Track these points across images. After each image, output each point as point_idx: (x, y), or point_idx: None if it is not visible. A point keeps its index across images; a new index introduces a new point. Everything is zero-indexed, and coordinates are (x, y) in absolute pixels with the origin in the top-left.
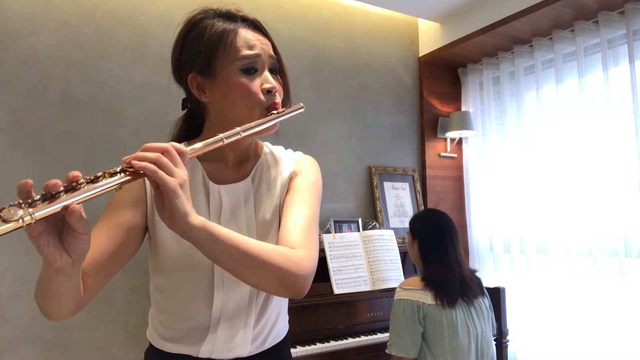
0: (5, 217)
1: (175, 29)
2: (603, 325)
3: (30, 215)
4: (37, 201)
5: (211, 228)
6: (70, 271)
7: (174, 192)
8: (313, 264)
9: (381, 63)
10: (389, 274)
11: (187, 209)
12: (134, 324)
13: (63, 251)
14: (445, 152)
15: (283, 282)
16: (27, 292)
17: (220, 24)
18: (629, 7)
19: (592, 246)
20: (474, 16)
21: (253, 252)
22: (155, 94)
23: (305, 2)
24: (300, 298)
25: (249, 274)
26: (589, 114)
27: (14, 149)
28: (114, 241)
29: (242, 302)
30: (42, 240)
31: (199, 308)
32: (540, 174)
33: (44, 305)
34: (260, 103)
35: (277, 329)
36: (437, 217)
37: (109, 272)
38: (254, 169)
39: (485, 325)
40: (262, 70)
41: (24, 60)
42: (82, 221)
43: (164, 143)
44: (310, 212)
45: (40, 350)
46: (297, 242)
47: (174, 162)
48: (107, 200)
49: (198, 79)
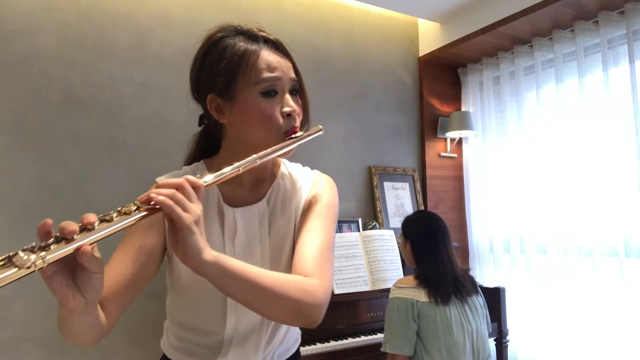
0: (18, 263)
1: (175, 29)
2: (603, 325)
3: (42, 259)
4: (50, 245)
5: (224, 263)
6: (84, 310)
7: (189, 229)
8: (327, 293)
9: (381, 63)
10: (389, 274)
11: (201, 245)
12: (134, 324)
13: (76, 291)
14: (445, 152)
15: (297, 314)
16: (27, 292)
17: (242, 45)
18: (629, 7)
19: (592, 246)
20: (474, 16)
21: (266, 285)
22: (155, 94)
23: (305, 2)
24: (314, 328)
25: (262, 306)
26: (589, 114)
27: (14, 149)
28: (134, 265)
29: (254, 324)
30: (55, 281)
31: (213, 328)
32: (540, 174)
33: (66, 339)
34: (279, 127)
35: (290, 343)
36: (429, 218)
37: (130, 297)
38: (269, 191)
39: (480, 322)
40: (283, 92)
41: (24, 60)
42: (95, 260)
43: (178, 179)
44: (326, 237)
45: (40, 350)
46: (311, 271)
47: (188, 198)
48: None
49: (217, 101)
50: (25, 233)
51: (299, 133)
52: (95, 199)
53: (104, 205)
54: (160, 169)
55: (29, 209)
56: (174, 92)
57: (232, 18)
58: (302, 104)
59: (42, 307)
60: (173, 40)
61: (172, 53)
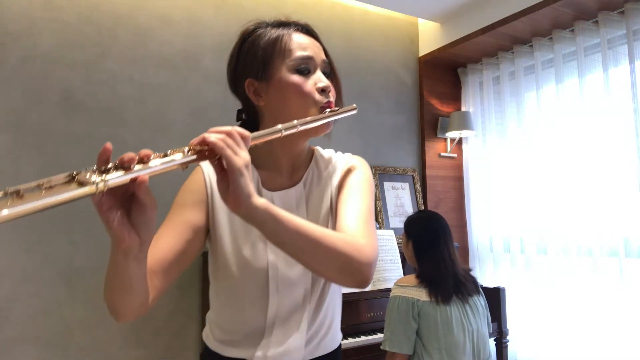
0: (81, 179)
1: (175, 29)
2: (603, 325)
3: (103, 181)
4: (110, 169)
5: (273, 210)
6: (138, 254)
7: (240, 171)
8: (375, 253)
9: (381, 63)
10: (389, 274)
11: (251, 190)
12: (134, 324)
13: (131, 229)
14: (445, 152)
15: (346, 268)
16: (27, 292)
17: (274, 31)
18: (629, 7)
19: (592, 246)
20: (474, 16)
21: (316, 236)
22: (155, 94)
23: (305, 2)
24: (365, 288)
25: (312, 258)
26: (589, 114)
27: (14, 149)
28: (180, 239)
29: (296, 305)
30: (111, 215)
31: (254, 312)
32: (540, 174)
33: (114, 301)
34: (315, 102)
35: (331, 336)
36: (431, 218)
37: (174, 272)
38: (305, 175)
39: (481, 322)
40: (315, 71)
41: (24, 60)
42: (150, 195)
43: (228, 127)
44: (366, 204)
45: (40, 350)
46: (356, 232)
47: (237, 144)
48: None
49: (255, 84)
50: (25, 233)
51: (335, 108)
52: None
53: None
54: None
55: None
56: (174, 92)
57: (232, 18)
58: (334, 85)
59: (42, 307)
60: (173, 40)
61: (172, 53)
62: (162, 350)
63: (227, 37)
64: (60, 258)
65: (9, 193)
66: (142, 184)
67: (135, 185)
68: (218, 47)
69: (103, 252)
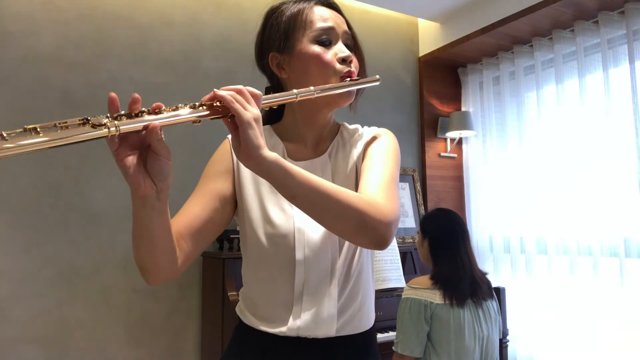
0: (94, 122)
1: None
2: (603, 325)
3: (115, 126)
4: (122, 116)
5: (284, 163)
6: (156, 203)
7: (249, 124)
8: (395, 212)
9: (381, 63)
10: (389, 274)
11: (261, 142)
12: (134, 324)
13: (147, 177)
14: (445, 152)
15: (362, 225)
16: (27, 292)
17: (297, 5)
18: (629, 7)
19: (592, 246)
20: (474, 16)
21: (328, 190)
22: (155, 94)
23: None
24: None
25: (325, 213)
26: (589, 114)
27: None
28: (206, 207)
29: (324, 272)
30: (127, 163)
31: (283, 280)
32: (540, 174)
33: (142, 257)
34: (336, 71)
35: (365, 312)
36: (448, 216)
37: (203, 239)
38: (330, 146)
39: (492, 328)
40: (337, 42)
41: (24, 60)
42: (163, 144)
43: (238, 85)
44: (389, 171)
45: (40, 350)
46: (375, 194)
47: (247, 101)
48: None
49: (278, 57)
50: (25, 233)
51: (357, 78)
52: (95, 199)
53: (104, 205)
54: None
55: (29, 209)
56: (174, 92)
57: (232, 18)
58: (358, 57)
59: (42, 307)
60: (173, 40)
61: (172, 53)
62: (162, 350)
63: (227, 37)
64: (60, 258)
65: (28, 129)
66: (154, 130)
67: (147, 132)
68: (218, 47)
69: (103, 252)
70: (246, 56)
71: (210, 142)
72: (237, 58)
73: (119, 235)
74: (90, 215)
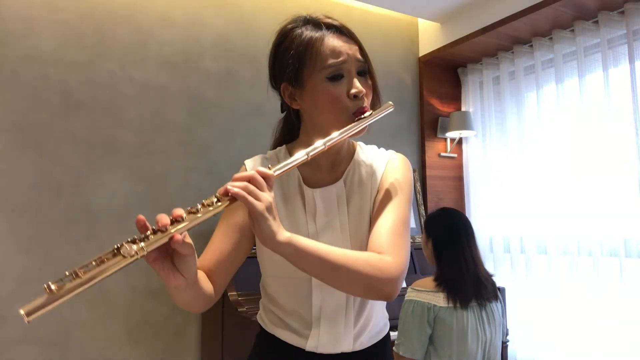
0: (124, 253)
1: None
2: (603, 325)
3: (143, 249)
4: (149, 236)
5: (296, 243)
6: (186, 287)
7: (262, 216)
8: (401, 269)
9: (381, 63)
10: None
11: (274, 229)
12: (134, 324)
13: (176, 272)
14: (445, 152)
15: (370, 288)
16: (27, 292)
17: (307, 33)
18: (629, 7)
19: (592, 246)
20: (474, 16)
21: (337, 262)
22: (155, 94)
23: (305, 2)
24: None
25: (336, 282)
26: (589, 114)
27: (14, 149)
28: (230, 241)
29: (340, 301)
30: (157, 264)
31: (301, 305)
32: (540, 174)
33: (183, 307)
34: (347, 109)
35: (381, 326)
36: (452, 216)
37: (231, 269)
38: (346, 171)
39: (495, 331)
40: (349, 75)
41: (24, 60)
42: (186, 246)
43: (250, 172)
44: (400, 214)
45: (40, 350)
46: (385, 248)
47: (260, 188)
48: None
49: (289, 89)
50: (25, 233)
51: (368, 113)
52: (95, 199)
53: (104, 205)
54: (160, 169)
55: (29, 209)
56: (174, 92)
57: (232, 18)
58: (370, 84)
59: None
60: (173, 41)
61: (172, 53)
62: (162, 350)
63: (227, 37)
64: (60, 258)
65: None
66: (177, 242)
67: (172, 242)
68: (218, 47)
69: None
70: (246, 56)
71: (211, 142)
72: (237, 58)
73: (119, 235)
74: (90, 215)
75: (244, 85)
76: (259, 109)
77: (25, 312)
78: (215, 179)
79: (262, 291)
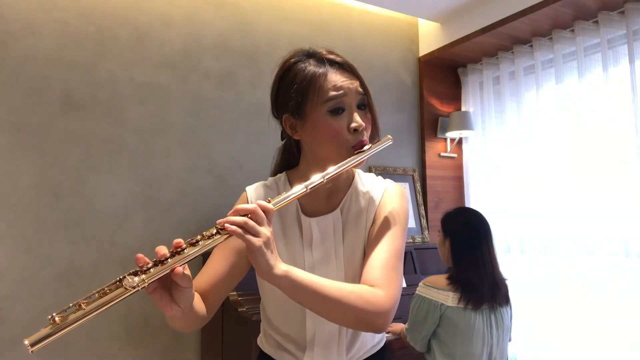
0: (127, 285)
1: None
2: (603, 325)
3: (145, 281)
4: (150, 268)
5: (292, 276)
6: (181, 316)
7: (259, 251)
8: (392, 302)
9: (381, 63)
10: None
11: (271, 263)
12: (134, 324)
13: (173, 303)
14: (445, 152)
15: (361, 321)
16: (27, 292)
17: (311, 68)
18: (629, 7)
19: (593, 246)
20: (474, 16)
21: (331, 295)
22: (155, 94)
23: (305, 2)
24: (382, 333)
25: (329, 314)
26: (589, 114)
27: (14, 149)
28: (226, 264)
29: (333, 330)
30: (156, 295)
31: (296, 330)
32: (540, 173)
33: (177, 330)
34: (347, 142)
35: (372, 341)
36: (472, 215)
37: (226, 290)
38: (343, 200)
39: (503, 336)
40: (350, 108)
41: (24, 60)
42: (185, 278)
43: (252, 205)
44: (394, 247)
45: (40, 350)
46: (377, 281)
47: (259, 222)
48: None
49: (291, 120)
50: (25, 233)
51: (367, 146)
52: (95, 199)
53: (104, 205)
54: (160, 169)
55: (29, 209)
56: (174, 92)
57: (232, 18)
58: (370, 117)
59: (42, 308)
60: (173, 40)
61: (172, 53)
62: (161, 350)
63: (227, 37)
64: (60, 258)
65: (74, 305)
66: (177, 275)
67: (172, 274)
68: (218, 47)
69: (103, 252)
70: (246, 56)
71: (211, 142)
72: (237, 58)
73: (119, 235)
74: (90, 215)
75: (244, 85)
76: (259, 109)
77: (29, 343)
78: (215, 179)
79: (261, 313)
